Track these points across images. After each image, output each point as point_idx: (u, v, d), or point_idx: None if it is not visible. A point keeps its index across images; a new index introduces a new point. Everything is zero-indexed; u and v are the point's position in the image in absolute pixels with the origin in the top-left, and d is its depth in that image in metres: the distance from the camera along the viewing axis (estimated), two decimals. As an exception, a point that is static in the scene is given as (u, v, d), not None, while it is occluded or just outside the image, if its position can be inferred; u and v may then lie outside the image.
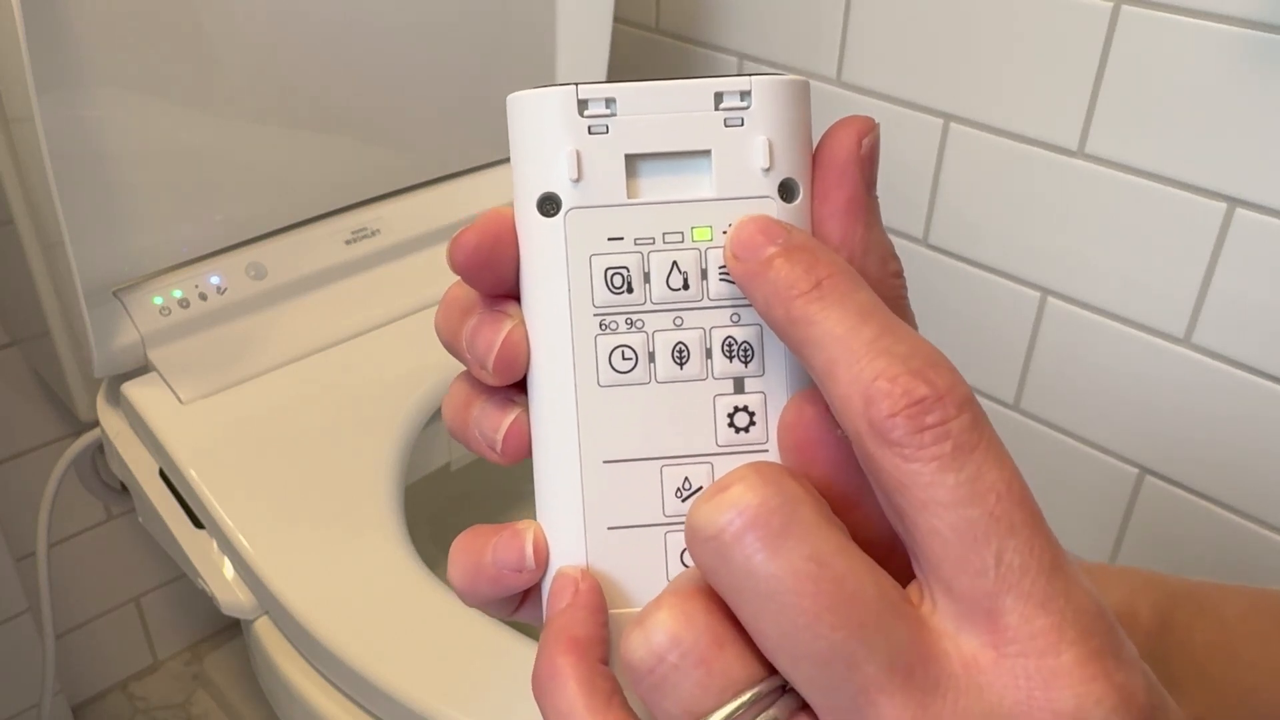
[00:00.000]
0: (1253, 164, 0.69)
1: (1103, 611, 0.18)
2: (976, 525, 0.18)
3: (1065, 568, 0.18)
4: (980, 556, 0.18)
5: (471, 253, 0.23)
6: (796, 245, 0.21)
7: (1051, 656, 0.17)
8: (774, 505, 0.19)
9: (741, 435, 0.23)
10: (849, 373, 0.19)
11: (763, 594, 0.18)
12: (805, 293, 0.20)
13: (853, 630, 0.18)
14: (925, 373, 0.19)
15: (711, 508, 0.19)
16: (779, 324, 0.21)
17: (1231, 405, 0.75)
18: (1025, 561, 0.18)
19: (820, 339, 0.20)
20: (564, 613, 0.22)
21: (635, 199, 0.22)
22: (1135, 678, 0.18)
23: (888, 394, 0.18)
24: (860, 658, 0.18)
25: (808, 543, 0.18)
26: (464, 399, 0.24)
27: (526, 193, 0.23)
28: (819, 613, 0.18)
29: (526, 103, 0.23)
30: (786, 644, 0.18)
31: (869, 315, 0.20)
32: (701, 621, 0.19)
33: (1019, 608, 0.18)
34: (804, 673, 0.18)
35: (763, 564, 0.18)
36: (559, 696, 0.20)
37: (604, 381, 0.23)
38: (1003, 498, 0.18)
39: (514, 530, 0.23)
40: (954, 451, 0.18)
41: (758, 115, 0.22)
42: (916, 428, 0.18)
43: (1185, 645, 0.29)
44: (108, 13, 0.69)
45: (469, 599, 0.24)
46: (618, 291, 0.22)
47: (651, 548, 0.23)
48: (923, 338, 0.20)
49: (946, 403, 0.18)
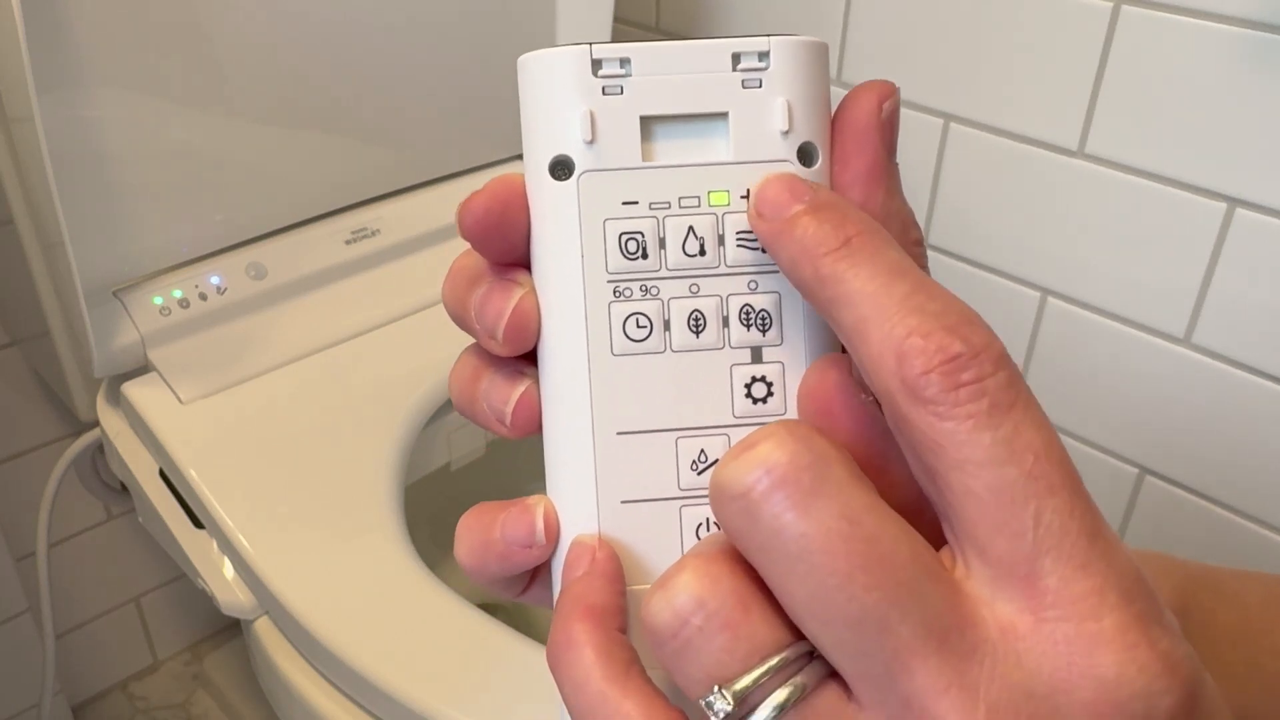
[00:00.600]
0: (1253, 164, 0.69)
1: (1143, 578, 0.18)
2: (1014, 485, 0.17)
3: (1105, 532, 0.18)
4: (1018, 517, 0.17)
5: (481, 217, 0.22)
6: (823, 202, 0.20)
7: (1093, 621, 0.17)
8: (804, 462, 0.18)
9: (759, 406, 0.22)
10: (880, 330, 0.18)
11: (792, 554, 0.18)
12: (834, 250, 0.19)
13: (886, 591, 0.17)
14: (960, 329, 0.18)
15: (739, 465, 0.18)
16: (807, 283, 0.20)
17: (1231, 405, 0.75)
18: (1065, 523, 0.17)
19: (850, 297, 0.19)
20: (580, 580, 0.21)
21: (650, 162, 0.22)
22: (1179, 646, 0.17)
23: (921, 350, 0.18)
24: (893, 620, 0.17)
25: (839, 501, 0.18)
26: (472, 371, 0.24)
27: (538, 156, 0.22)
28: (851, 573, 0.17)
29: (538, 63, 0.22)
30: (816, 606, 0.18)
31: (901, 272, 0.19)
32: (727, 584, 0.19)
33: (1059, 570, 0.17)
34: (834, 636, 0.18)
35: (792, 523, 0.18)
36: (575, 665, 0.20)
37: (618, 350, 0.22)
38: (1041, 457, 0.17)
39: (524, 505, 0.23)
40: (990, 409, 0.17)
41: (776, 77, 0.22)
42: (951, 385, 0.18)
43: (1207, 629, 0.29)
44: (108, 13, 0.69)
45: (476, 576, 0.23)
46: (632, 257, 0.22)
47: (666, 522, 0.22)
48: (956, 296, 0.19)
49: (983, 359, 0.18)
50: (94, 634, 1.14)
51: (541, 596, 0.24)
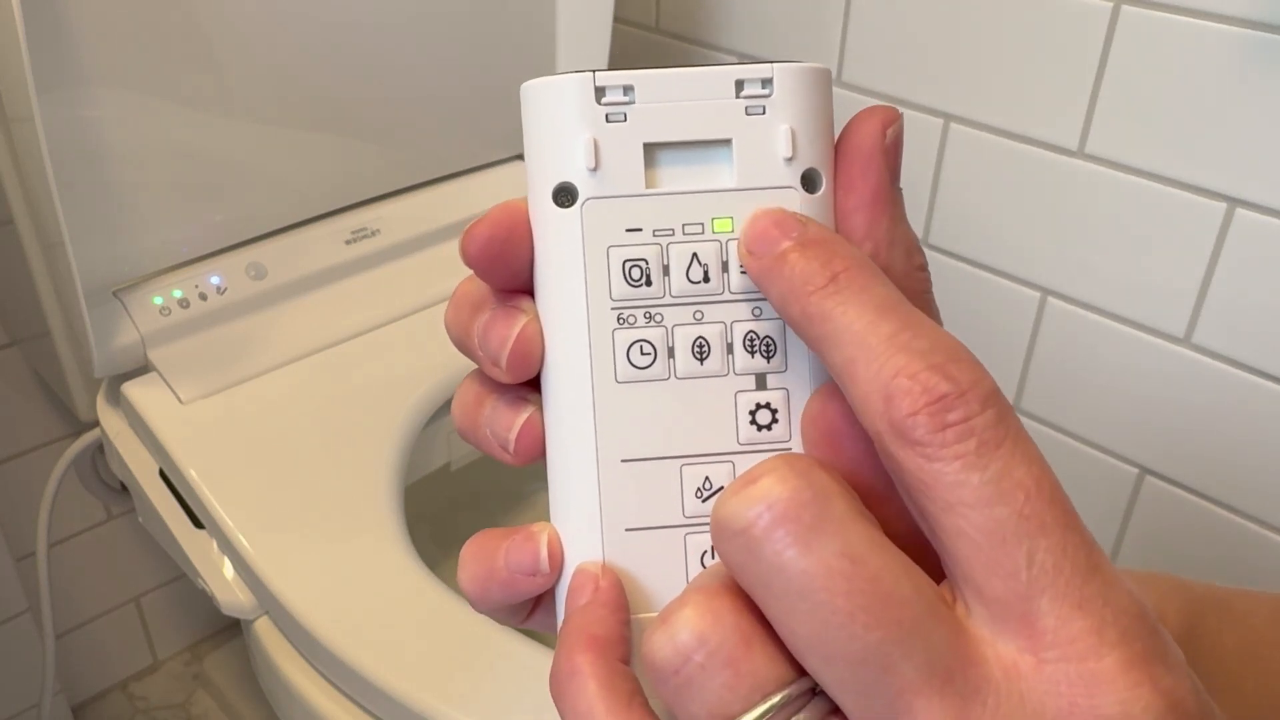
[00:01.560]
0: (1253, 164, 0.69)
1: (1145, 613, 0.17)
2: (1005, 525, 0.17)
3: (1103, 568, 0.17)
4: (1011, 558, 0.17)
5: (484, 245, 0.22)
6: (812, 239, 0.20)
7: (1093, 660, 0.17)
8: (805, 499, 0.18)
9: (764, 433, 0.22)
10: (867, 370, 0.18)
11: (794, 592, 0.18)
12: (821, 287, 0.19)
13: (889, 631, 0.17)
14: (946, 368, 0.18)
15: (740, 501, 0.18)
16: (795, 321, 0.20)
17: (1231, 405, 0.75)
18: (1059, 562, 0.17)
19: (837, 336, 0.19)
20: (583, 610, 0.21)
21: (654, 189, 0.22)
22: (1183, 683, 0.17)
23: (908, 391, 0.18)
24: (896, 659, 0.17)
25: (841, 538, 0.18)
26: (475, 398, 0.24)
27: (541, 183, 0.22)
28: (853, 612, 0.17)
29: (541, 90, 0.22)
30: (819, 645, 0.17)
31: (888, 310, 0.19)
32: (729, 620, 0.19)
33: (1055, 610, 0.17)
34: (837, 675, 0.17)
35: (794, 560, 0.18)
36: (578, 697, 0.20)
37: (622, 377, 0.22)
38: (1032, 496, 0.17)
39: (528, 533, 0.23)
40: (979, 449, 0.17)
41: (780, 103, 0.22)
42: (939, 425, 0.18)
43: (1215, 651, 0.28)
44: (108, 13, 0.69)
45: (480, 605, 0.23)
46: (636, 284, 0.22)
47: (671, 550, 0.22)
48: (945, 331, 0.19)
49: (970, 398, 0.18)
50: (94, 634, 1.14)
51: (545, 623, 0.24)
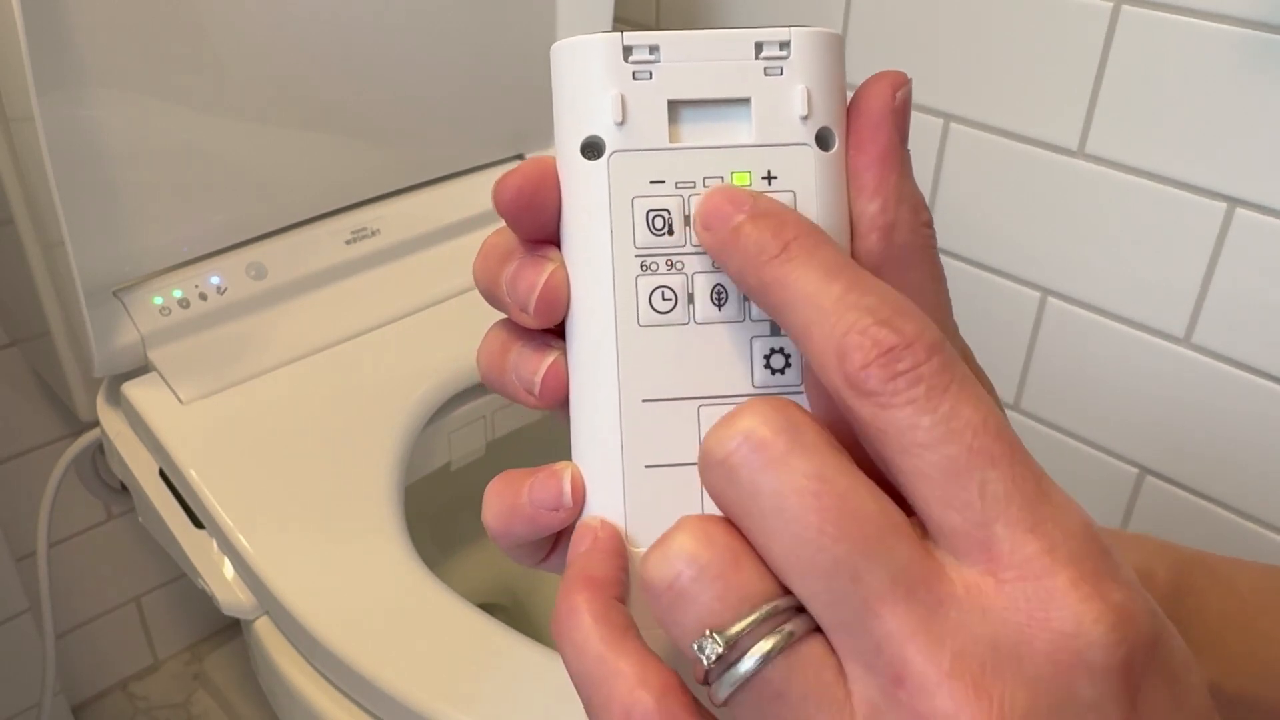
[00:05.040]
0: (1253, 164, 0.69)
1: (1094, 535, 0.19)
2: (957, 461, 0.18)
3: (1052, 494, 0.19)
4: (965, 490, 0.18)
5: (515, 195, 0.23)
6: (762, 211, 0.21)
7: (1047, 579, 0.18)
8: (779, 427, 0.19)
9: (777, 377, 0.23)
10: (821, 330, 0.20)
11: (768, 510, 0.19)
12: (775, 256, 0.21)
13: (854, 543, 0.18)
14: (893, 321, 0.19)
15: (721, 433, 0.20)
16: (752, 290, 0.21)
17: (1231, 405, 0.75)
18: (1009, 490, 0.18)
19: (792, 301, 0.20)
20: (583, 555, 0.22)
21: (677, 144, 0.23)
22: (1136, 600, 0.18)
23: (859, 346, 0.19)
24: (863, 570, 0.18)
25: (811, 461, 0.19)
26: (500, 345, 0.25)
27: (570, 137, 0.23)
28: (822, 526, 0.18)
29: (572, 49, 0.23)
30: (793, 559, 0.19)
31: (836, 271, 0.20)
32: (721, 540, 0.20)
33: (1010, 535, 0.18)
34: (810, 587, 0.19)
35: (767, 481, 0.19)
36: (574, 630, 0.21)
37: (644, 321, 0.23)
38: (979, 432, 0.19)
39: (551, 470, 0.24)
40: (927, 394, 0.19)
41: (797, 65, 0.23)
42: (889, 375, 0.19)
43: (1200, 612, 0.29)
44: (108, 13, 0.69)
45: (502, 540, 0.24)
46: (659, 233, 0.23)
47: (688, 486, 0.23)
48: (890, 288, 0.20)
49: (916, 348, 0.19)
50: (94, 634, 1.14)
51: (560, 565, 0.25)
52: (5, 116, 0.71)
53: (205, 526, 0.72)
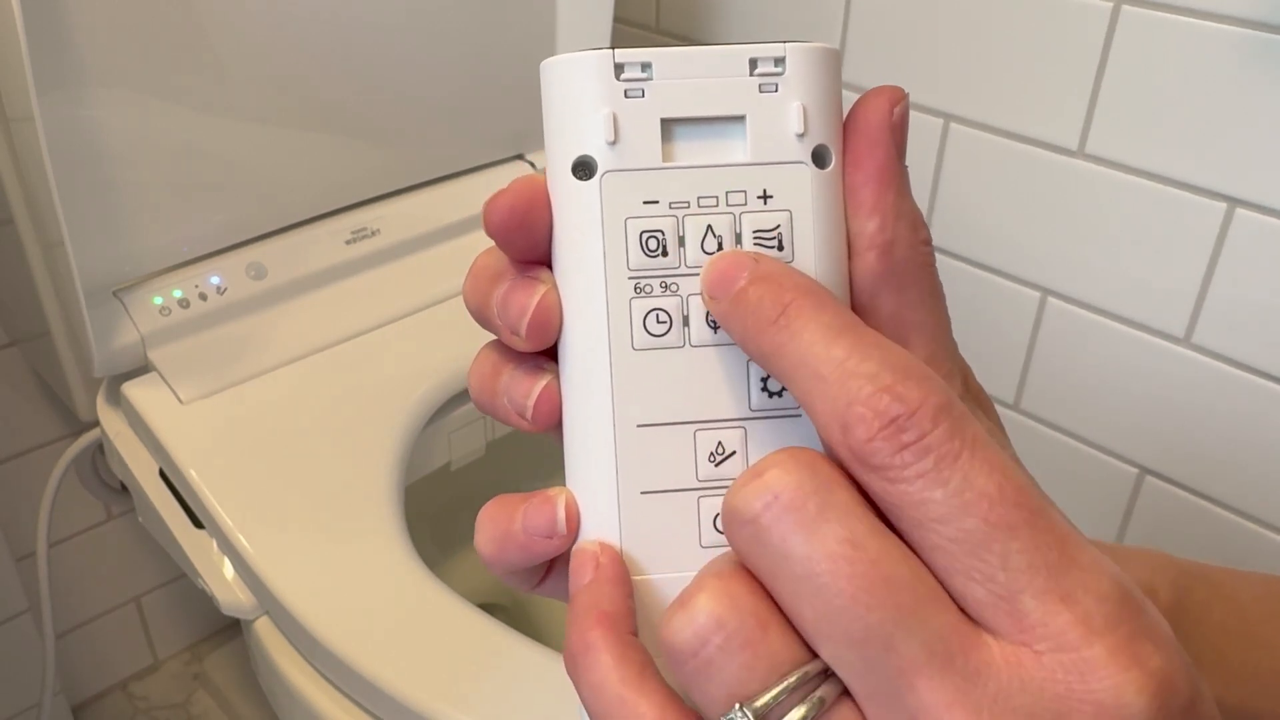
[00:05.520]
0: (1253, 164, 0.69)
1: (1128, 596, 0.18)
2: (974, 535, 0.18)
3: (1080, 559, 0.18)
4: (986, 563, 0.18)
5: (506, 215, 0.22)
6: (761, 275, 0.21)
7: (1084, 649, 0.17)
8: (809, 489, 0.19)
9: (774, 400, 0.22)
10: (824, 401, 0.19)
11: (799, 576, 0.18)
12: (774, 321, 0.20)
13: (888, 612, 0.18)
14: (895, 389, 0.18)
15: (748, 492, 0.19)
16: (756, 357, 0.21)
17: (1231, 405, 0.75)
18: (1033, 561, 0.18)
19: (793, 369, 0.20)
20: (589, 587, 0.22)
21: (670, 163, 0.22)
22: (1172, 660, 0.18)
23: (861, 418, 0.18)
24: (898, 640, 0.18)
25: (843, 525, 0.18)
26: (492, 368, 0.24)
27: (561, 156, 0.23)
28: (855, 594, 0.18)
29: (562, 67, 0.23)
30: (825, 626, 0.18)
31: (836, 334, 0.19)
32: (746, 603, 0.19)
33: (1039, 606, 0.18)
34: (843, 656, 0.18)
35: (798, 546, 0.18)
36: (593, 670, 0.20)
37: (638, 345, 0.22)
38: (995, 502, 0.18)
39: (545, 496, 0.23)
40: (936, 465, 0.18)
41: (792, 81, 0.22)
42: (896, 448, 0.18)
43: (1201, 625, 0.29)
44: (108, 13, 0.69)
45: (496, 567, 0.24)
46: (652, 255, 0.22)
47: (684, 513, 0.22)
48: (894, 347, 0.19)
49: (920, 417, 0.18)
50: (94, 634, 1.14)
51: (557, 589, 0.25)
52: (5, 116, 0.71)
53: (205, 526, 0.72)
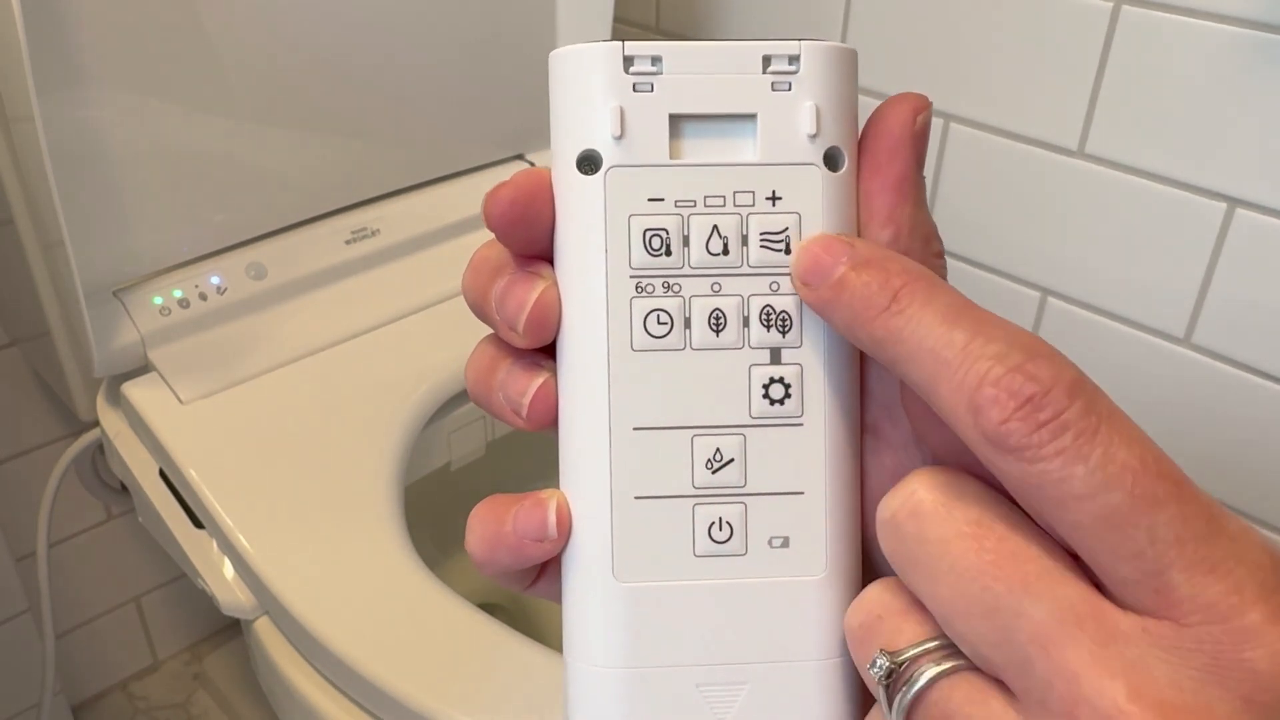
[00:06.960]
0: (1253, 164, 0.69)
1: (1278, 563, 0.18)
2: (1119, 510, 0.17)
3: (1227, 526, 0.18)
4: (1132, 539, 0.17)
5: (507, 209, 0.22)
6: (863, 258, 0.20)
7: (1237, 619, 0.17)
8: (938, 484, 0.20)
9: (776, 407, 0.22)
10: (950, 386, 0.19)
11: (933, 555, 0.19)
12: (885, 308, 0.20)
13: (1015, 583, 0.18)
14: (1026, 367, 0.18)
15: (889, 497, 0.20)
16: (866, 346, 0.20)
17: (1231, 405, 0.75)
18: (1180, 533, 0.17)
19: (911, 355, 0.19)
20: None
21: (678, 160, 0.22)
22: None
23: (994, 400, 0.18)
24: (1026, 607, 0.18)
25: (971, 509, 0.19)
26: (489, 362, 0.24)
27: (566, 150, 0.22)
28: (983, 566, 0.18)
29: (570, 58, 0.22)
30: (958, 601, 0.19)
31: (956, 318, 0.19)
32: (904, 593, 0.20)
33: (1188, 579, 0.17)
34: (975, 628, 0.18)
35: (930, 529, 0.19)
36: None
37: (638, 345, 0.22)
38: (1139, 475, 0.18)
39: (536, 498, 0.23)
40: (1076, 441, 0.18)
41: (806, 80, 0.22)
42: (1032, 427, 0.18)
43: None
44: (108, 13, 0.69)
45: (486, 569, 0.24)
46: (656, 254, 0.22)
47: (679, 520, 0.22)
48: (1017, 327, 0.19)
49: (1056, 394, 0.18)
50: (94, 634, 1.14)
51: (549, 591, 0.24)
52: (5, 116, 0.71)
53: (205, 526, 0.72)
